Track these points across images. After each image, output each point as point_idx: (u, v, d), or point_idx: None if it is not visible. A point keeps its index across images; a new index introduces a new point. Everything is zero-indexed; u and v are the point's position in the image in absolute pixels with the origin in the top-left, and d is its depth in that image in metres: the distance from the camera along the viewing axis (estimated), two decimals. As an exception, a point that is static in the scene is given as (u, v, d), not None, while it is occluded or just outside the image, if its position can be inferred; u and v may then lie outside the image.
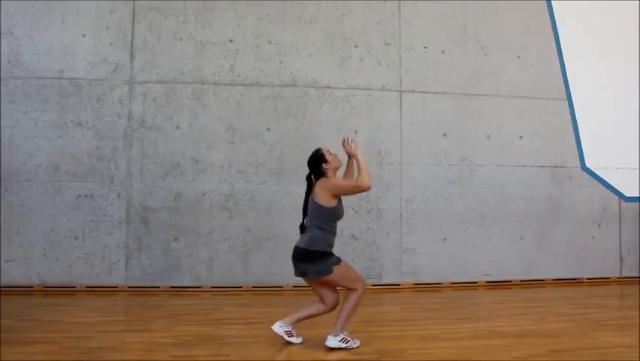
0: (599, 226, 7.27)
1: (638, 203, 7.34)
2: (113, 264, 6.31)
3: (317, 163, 4.10)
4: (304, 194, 4.17)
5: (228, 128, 6.58)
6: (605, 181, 7.31)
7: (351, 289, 4.03)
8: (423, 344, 4.23)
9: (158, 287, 6.33)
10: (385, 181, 6.80)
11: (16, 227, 6.19)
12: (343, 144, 4.17)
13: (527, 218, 7.10)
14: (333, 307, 4.12)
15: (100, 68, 6.42)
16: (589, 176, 7.28)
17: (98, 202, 6.32)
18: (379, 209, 6.77)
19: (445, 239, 6.90)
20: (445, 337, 4.42)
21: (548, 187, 7.19)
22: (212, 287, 6.41)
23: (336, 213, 4.05)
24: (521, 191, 7.11)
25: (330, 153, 4.12)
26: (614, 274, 7.29)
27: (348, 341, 4.01)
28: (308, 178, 4.17)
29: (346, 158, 4.26)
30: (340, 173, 4.26)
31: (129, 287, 6.29)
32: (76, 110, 6.35)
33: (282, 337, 4.10)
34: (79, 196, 6.30)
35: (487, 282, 6.94)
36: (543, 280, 7.07)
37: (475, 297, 6.38)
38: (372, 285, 6.69)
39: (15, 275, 6.15)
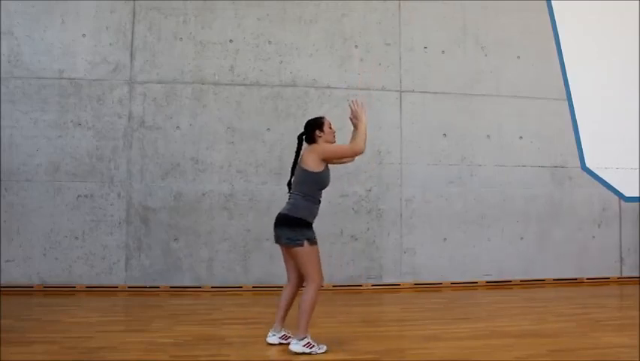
0: (599, 226, 7.27)
1: (638, 203, 7.34)
2: (113, 264, 6.31)
3: (313, 128, 4.06)
4: (294, 153, 4.13)
5: (228, 128, 6.59)
6: (605, 181, 7.31)
7: (306, 280, 3.94)
8: (423, 344, 4.23)
9: (158, 287, 6.33)
10: (385, 181, 6.80)
11: (16, 227, 6.18)
12: (351, 108, 4.12)
13: (527, 218, 7.10)
14: (298, 285, 4.10)
15: (100, 68, 6.42)
16: (589, 176, 7.28)
17: (98, 202, 6.32)
18: (379, 209, 6.77)
19: (445, 239, 6.90)
20: (445, 337, 4.41)
21: (548, 187, 7.19)
22: (212, 287, 6.41)
23: (321, 180, 3.97)
24: (521, 191, 7.11)
25: (331, 128, 4.08)
26: (614, 274, 7.29)
27: (313, 346, 3.88)
28: (299, 138, 4.13)
29: (351, 128, 4.16)
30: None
31: (129, 287, 6.29)
32: (76, 110, 6.35)
33: (280, 343, 4.07)
34: (79, 196, 6.30)
35: (487, 282, 6.94)
36: (543, 280, 7.07)
37: (475, 297, 6.38)
38: (373, 285, 6.70)
39: (15, 275, 6.15)
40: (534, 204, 7.13)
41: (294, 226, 3.91)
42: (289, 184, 4.10)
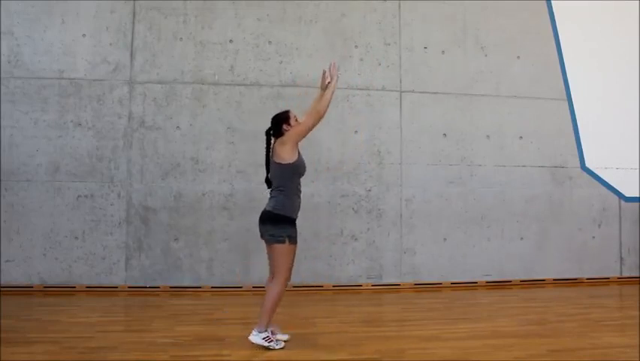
0: (599, 226, 7.27)
1: (638, 203, 7.34)
2: (113, 264, 6.31)
3: (280, 122, 4.18)
4: (264, 149, 4.24)
5: (228, 128, 6.58)
6: (605, 181, 7.31)
7: (275, 276, 4.04)
8: (423, 344, 4.23)
9: (158, 287, 6.33)
10: (385, 181, 6.80)
11: (16, 227, 6.18)
12: (327, 72, 4.24)
13: (527, 218, 7.10)
14: None
15: (100, 68, 6.42)
16: (589, 176, 7.28)
17: (98, 202, 6.32)
18: (379, 209, 6.77)
19: (445, 239, 6.90)
20: (445, 337, 4.41)
21: (548, 187, 7.19)
22: (212, 287, 6.41)
23: (297, 169, 4.10)
24: (521, 191, 7.10)
25: (297, 120, 4.19)
26: (614, 274, 7.29)
27: (272, 340, 4.00)
28: (267, 133, 4.25)
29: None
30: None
31: (129, 287, 6.29)
32: (76, 110, 6.35)
33: (262, 345, 4.01)
34: (79, 196, 6.30)
35: (487, 282, 6.94)
36: (543, 280, 7.06)
37: (475, 297, 6.38)
38: (372, 285, 6.69)
39: (15, 275, 6.15)
40: (534, 204, 7.13)
41: (277, 223, 4.04)
42: (267, 181, 4.18)
